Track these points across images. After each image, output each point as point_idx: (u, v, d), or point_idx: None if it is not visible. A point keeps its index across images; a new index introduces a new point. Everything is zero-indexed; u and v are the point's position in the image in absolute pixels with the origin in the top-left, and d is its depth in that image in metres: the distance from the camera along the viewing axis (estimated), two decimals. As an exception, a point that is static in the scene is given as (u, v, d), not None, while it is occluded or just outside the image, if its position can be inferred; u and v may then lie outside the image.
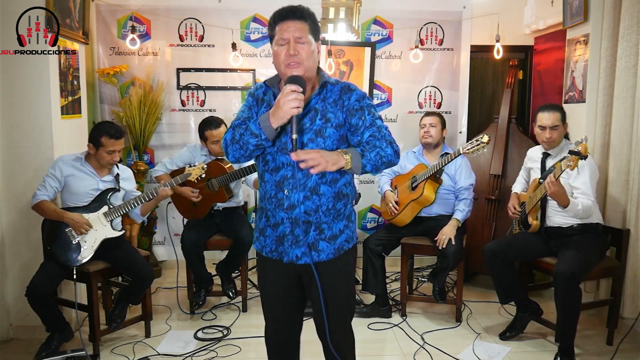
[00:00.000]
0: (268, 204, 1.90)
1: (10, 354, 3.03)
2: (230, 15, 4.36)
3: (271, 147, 1.84)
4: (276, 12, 1.83)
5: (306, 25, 1.81)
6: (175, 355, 2.98)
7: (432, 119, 3.55)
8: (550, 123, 3.00)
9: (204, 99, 4.45)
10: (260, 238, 1.97)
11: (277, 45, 1.81)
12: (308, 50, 1.80)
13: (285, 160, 1.83)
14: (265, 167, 1.88)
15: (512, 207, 3.22)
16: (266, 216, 1.93)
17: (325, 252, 1.91)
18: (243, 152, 1.82)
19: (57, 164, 2.93)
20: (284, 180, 1.85)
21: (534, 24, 4.38)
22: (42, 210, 2.86)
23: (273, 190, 1.87)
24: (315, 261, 1.90)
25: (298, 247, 1.89)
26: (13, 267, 3.18)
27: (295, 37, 1.78)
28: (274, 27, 1.83)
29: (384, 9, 4.44)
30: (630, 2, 3.11)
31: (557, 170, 2.70)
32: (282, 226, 1.89)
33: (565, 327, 2.80)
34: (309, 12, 1.83)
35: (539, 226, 3.07)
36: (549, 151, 3.09)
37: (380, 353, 3.09)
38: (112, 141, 2.88)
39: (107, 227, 2.94)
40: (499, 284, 3.13)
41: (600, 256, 2.97)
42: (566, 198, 2.78)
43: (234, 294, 3.54)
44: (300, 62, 1.79)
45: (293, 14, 1.80)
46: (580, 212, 2.84)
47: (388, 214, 3.58)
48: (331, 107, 1.86)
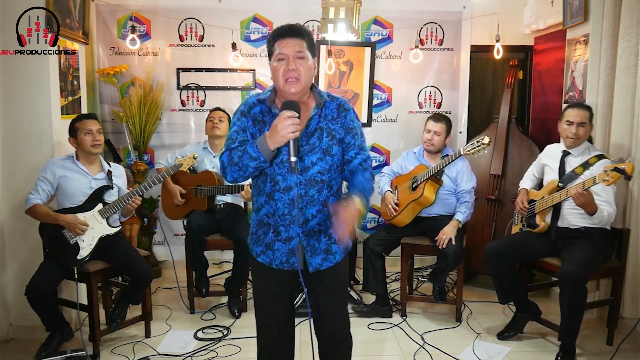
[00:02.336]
0: (280, 220, 1.95)
1: (10, 354, 3.03)
2: (230, 15, 4.36)
3: (280, 169, 1.90)
4: (275, 30, 1.89)
5: (304, 42, 1.87)
6: (175, 355, 2.98)
7: (438, 127, 3.47)
8: (579, 119, 2.98)
9: (204, 99, 4.45)
10: (268, 252, 1.99)
11: (276, 61, 1.87)
12: (306, 65, 1.87)
13: (297, 180, 1.90)
14: (276, 187, 1.92)
15: (520, 202, 3.19)
16: (276, 231, 1.97)
17: (338, 254, 2.03)
18: (242, 173, 1.88)
19: (48, 166, 2.93)
20: (298, 198, 1.91)
21: (534, 24, 4.38)
22: (36, 214, 2.87)
23: (286, 208, 1.92)
24: (335, 263, 2.02)
25: (316, 255, 1.99)
26: (13, 267, 3.18)
27: (295, 52, 1.85)
28: (273, 44, 1.88)
29: (384, 9, 4.44)
30: (630, 2, 3.11)
31: (588, 181, 2.69)
32: (295, 240, 1.96)
33: (569, 327, 2.80)
34: (307, 31, 1.91)
35: (547, 227, 3.05)
36: (570, 150, 3.05)
37: (380, 353, 3.09)
38: (84, 121, 2.92)
39: (104, 224, 2.94)
40: (499, 284, 3.13)
41: (605, 259, 2.97)
42: (595, 206, 2.79)
43: (238, 314, 3.52)
44: (299, 78, 1.85)
45: (292, 31, 1.86)
46: (605, 219, 2.85)
47: (388, 215, 3.58)
48: (332, 124, 1.96)
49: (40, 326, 2.92)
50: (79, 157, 2.99)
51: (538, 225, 3.06)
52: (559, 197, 2.91)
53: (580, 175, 2.94)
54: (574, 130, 2.99)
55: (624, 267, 3.11)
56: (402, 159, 3.74)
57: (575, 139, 3.01)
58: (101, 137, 2.99)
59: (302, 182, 1.90)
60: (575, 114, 3.00)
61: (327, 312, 2.05)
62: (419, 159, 3.61)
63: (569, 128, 3.01)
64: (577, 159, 3.02)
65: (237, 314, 3.51)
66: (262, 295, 2.10)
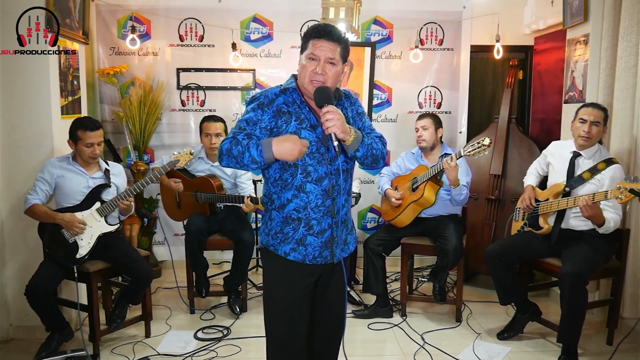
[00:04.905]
0: (313, 213, 1.92)
1: (10, 354, 3.03)
2: (230, 15, 4.36)
3: (311, 159, 1.89)
4: (314, 27, 1.88)
5: (338, 48, 1.87)
6: (175, 355, 2.98)
7: (423, 122, 3.53)
8: (593, 118, 2.94)
9: (204, 99, 4.45)
10: (300, 248, 1.94)
11: (307, 59, 1.87)
12: (335, 71, 1.87)
13: (327, 170, 1.91)
14: (308, 179, 1.90)
15: (527, 199, 3.12)
16: (308, 225, 1.93)
17: (352, 244, 2.10)
18: (239, 166, 1.86)
19: (46, 167, 2.94)
20: (331, 188, 1.91)
21: (534, 24, 4.38)
22: (34, 214, 2.88)
23: (319, 199, 1.91)
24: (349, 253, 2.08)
25: (339, 246, 2.01)
26: (13, 267, 3.18)
27: (327, 57, 1.85)
28: (308, 40, 1.88)
29: (384, 9, 4.44)
30: (630, 2, 3.11)
31: (599, 195, 2.67)
32: (328, 231, 1.95)
33: (570, 327, 2.79)
34: (344, 37, 1.90)
35: (550, 230, 3.03)
36: (581, 151, 3.01)
37: (380, 353, 3.09)
38: (88, 133, 2.89)
39: (102, 222, 2.95)
40: (500, 286, 3.12)
41: (605, 260, 2.96)
42: (602, 218, 2.77)
43: (239, 311, 3.52)
44: (324, 82, 1.85)
45: (330, 35, 1.86)
46: (611, 229, 2.84)
47: (388, 215, 3.58)
48: (350, 113, 2.01)
49: (40, 326, 2.92)
50: (76, 157, 2.99)
51: (541, 228, 3.04)
52: (565, 204, 2.88)
53: (587, 180, 2.91)
54: (587, 128, 2.93)
55: (624, 267, 3.11)
56: (401, 159, 3.75)
57: (587, 137, 2.94)
58: (100, 148, 2.99)
59: (332, 172, 1.92)
60: (589, 112, 2.96)
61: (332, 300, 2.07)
62: (418, 159, 3.61)
63: (582, 126, 2.96)
64: (588, 161, 2.97)
65: (238, 312, 3.51)
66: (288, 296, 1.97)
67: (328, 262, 1.98)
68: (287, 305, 1.97)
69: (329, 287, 2.04)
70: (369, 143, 1.94)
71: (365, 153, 1.93)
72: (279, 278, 1.99)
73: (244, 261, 3.46)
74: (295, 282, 1.97)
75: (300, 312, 1.98)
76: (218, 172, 3.58)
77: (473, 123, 4.72)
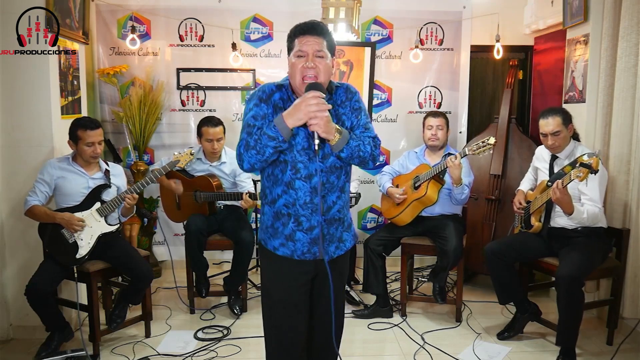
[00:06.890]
0: (302, 209, 1.92)
1: (10, 354, 3.03)
2: (230, 15, 4.36)
3: (302, 156, 1.89)
4: (297, 26, 1.90)
5: (324, 41, 1.88)
6: (175, 355, 2.98)
7: (439, 121, 3.53)
8: (551, 129, 2.95)
9: (204, 99, 4.45)
10: (289, 243, 1.95)
11: (295, 57, 1.88)
12: (325, 64, 1.87)
13: (318, 167, 1.90)
14: (297, 175, 1.90)
15: (517, 202, 3.20)
16: (297, 222, 1.93)
17: (348, 241, 2.07)
18: (260, 156, 1.84)
19: (45, 168, 2.94)
20: (320, 186, 1.91)
21: (534, 24, 4.38)
22: (34, 214, 2.88)
23: (308, 197, 1.91)
24: (345, 251, 2.06)
25: (332, 243, 2.00)
26: (13, 267, 3.18)
27: (315, 51, 1.85)
28: (294, 40, 1.89)
29: (384, 9, 4.44)
30: (630, 2, 3.11)
31: (565, 178, 2.67)
32: (317, 229, 1.94)
33: (568, 329, 2.80)
34: (327, 30, 1.91)
35: (540, 227, 3.06)
36: (558, 154, 3.04)
37: (380, 353, 3.09)
38: (88, 132, 2.90)
39: (102, 222, 2.95)
40: (499, 285, 3.13)
41: (602, 259, 2.96)
42: (571, 206, 2.77)
43: (239, 311, 3.53)
44: (317, 76, 1.85)
45: (313, 29, 1.87)
46: (585, 220, 2.83)
47: (389, 213, 3.57)
48: (342, 109, 1.97)
49: (40, 326, 2.92)
50: (76, 158, 2.99)
51: (532, 226, 3.07)
52: (547, 196, 2.90)
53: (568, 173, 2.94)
54: (550, 141, 2.97)
55: (624, 267, 3.11)
56: (403, 158, 3.75)
57: (553, 148, 3.00)
58: (101, 147, 2.99)
59: (324, 170, 1.91)
60: (546, 123, 2.97)
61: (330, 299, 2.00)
62: (420, 158, 3.62)
63: (545, 140, 3.01)
64: (565, 161, 3.00)
65: (238, 312, 3.51)
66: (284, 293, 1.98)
67: (318, 258, 1.96)
68: (281, 300, 1.99)
69: (326, 286, 2.02)
70: (356, 145, 1.89)
71: (351, 154, 1.89)
72: (272, 273, 2.03)
73: (243, 261, 3.46)
74: (286, 277, 1.99)
75: (296, 308, 1.99)
76: (217, 172, 3.58)
77: (473, 123, 4.73)
